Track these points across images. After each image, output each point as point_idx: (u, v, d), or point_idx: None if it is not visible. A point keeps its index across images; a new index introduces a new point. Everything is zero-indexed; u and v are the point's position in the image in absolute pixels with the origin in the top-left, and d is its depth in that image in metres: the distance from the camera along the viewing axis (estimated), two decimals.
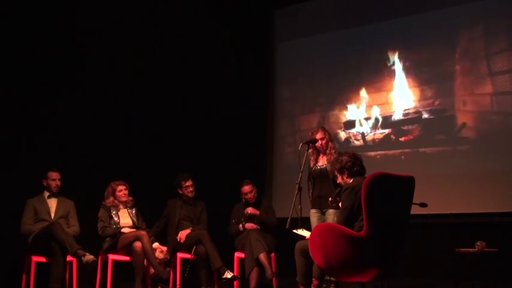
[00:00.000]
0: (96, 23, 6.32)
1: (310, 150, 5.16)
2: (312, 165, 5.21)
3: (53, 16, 6.19)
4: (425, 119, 6.62)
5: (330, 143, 5.15)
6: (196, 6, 7.15)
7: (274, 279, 5.34)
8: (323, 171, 5.10)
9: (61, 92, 6.26)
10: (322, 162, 5.15)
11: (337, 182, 4.46)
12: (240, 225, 5.67)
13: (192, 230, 5.65)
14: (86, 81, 6.45)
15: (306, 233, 4.43)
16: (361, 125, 7.08)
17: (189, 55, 7.18)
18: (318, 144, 5.13)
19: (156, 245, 5.44)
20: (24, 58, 5.99)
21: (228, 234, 5.81)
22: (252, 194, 5.76)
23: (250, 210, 5.68)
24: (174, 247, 5.63)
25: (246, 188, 5.76)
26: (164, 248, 5.50)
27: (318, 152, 5.18)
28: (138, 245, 5.16)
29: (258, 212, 5.69)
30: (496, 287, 5.23)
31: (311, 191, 5.18)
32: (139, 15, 6.75)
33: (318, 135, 5.14)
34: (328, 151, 5.11)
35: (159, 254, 5.42)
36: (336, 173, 4.30)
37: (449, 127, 6.44)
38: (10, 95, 5.89)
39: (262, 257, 5.26)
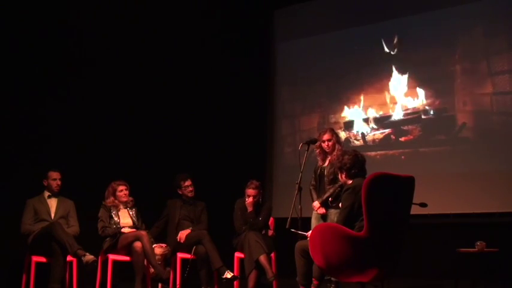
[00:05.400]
0: (97, 22, 6.33)
1: (317, 151, 5.15)
2: (318, 165, 5.20)
3: (53, 15, 6.19)
4: (425, 119, 6.62)
5: (337, 145, 5.10)
6: (196, 6, 7.15)
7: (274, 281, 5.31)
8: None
9: (61, 92, 6.26)
10: (328, 163, 5.12)
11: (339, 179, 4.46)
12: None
13: (192, 230, 5.65)
14: (86, 81, 6.44)
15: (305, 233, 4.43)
16: (361, 125, 7.09)
17: (189, 55, 7.18)
18: (325, 145, 5.09)
19: (154, 245, 5.45)
20: (24, 58, 6.00)
21: (230, 233, 5.77)
22: (256, 200, 5.59)
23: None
24: (174, 247, 5.62)
25: (251, 192, 5.58)
26: (163, 245, 5.53)
27: (325, 153, 5.15)
28: (138, 245, 5.16)
29: None
30: (496, 287, 5.23)
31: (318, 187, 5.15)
32: (139, 15, 6.75)
33: (325, 136, 5.09)
34: (335, 153, 5.04)
35: (158, 250, 5.41)
36: (337, 170, 4.34)
37: (449, 127, 6.44)
38: (10, 95, 5.88)
39: (263, 259, 5.18)
